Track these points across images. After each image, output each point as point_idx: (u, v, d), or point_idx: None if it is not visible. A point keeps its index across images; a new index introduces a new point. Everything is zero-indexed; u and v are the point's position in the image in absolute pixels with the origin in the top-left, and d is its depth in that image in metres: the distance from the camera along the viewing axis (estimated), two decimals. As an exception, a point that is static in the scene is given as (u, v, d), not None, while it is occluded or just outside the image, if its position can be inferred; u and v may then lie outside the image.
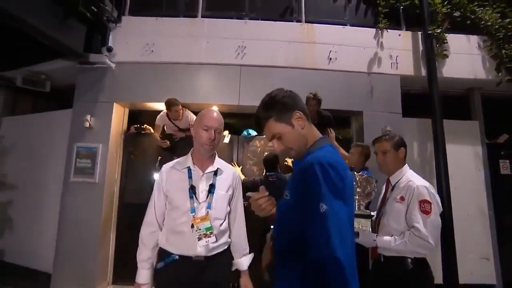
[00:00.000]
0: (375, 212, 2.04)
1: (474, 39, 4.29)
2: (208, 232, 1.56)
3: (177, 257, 1.54)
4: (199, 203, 1.59)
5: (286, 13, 4.35)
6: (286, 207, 1.05)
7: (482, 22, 4.22)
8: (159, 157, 4.06)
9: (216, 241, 1.59)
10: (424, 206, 1.76)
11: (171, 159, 1.67)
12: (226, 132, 4.06)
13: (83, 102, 3.98)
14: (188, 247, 1.54)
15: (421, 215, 1.74)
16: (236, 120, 4.51)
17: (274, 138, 1.12)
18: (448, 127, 3.79)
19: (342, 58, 4.13)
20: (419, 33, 4.22)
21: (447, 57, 4.09)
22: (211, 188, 1.63)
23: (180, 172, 1.64)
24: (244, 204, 1.81)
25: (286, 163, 3.74)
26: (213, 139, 1.59)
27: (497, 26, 4.20)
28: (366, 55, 4.17)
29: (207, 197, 1.61)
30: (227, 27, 4.14)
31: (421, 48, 4.21)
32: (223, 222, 1.66)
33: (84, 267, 3.61)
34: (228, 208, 1.72)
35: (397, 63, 4.16)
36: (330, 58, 4.12)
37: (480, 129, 4.34)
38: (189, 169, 1.65)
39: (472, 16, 4.24)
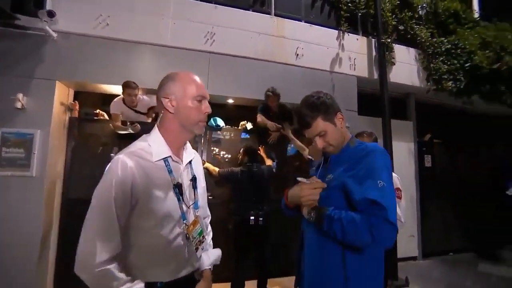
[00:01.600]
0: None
1: (413, 51, 5.18)
2: (201, 237, 1.27)
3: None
4: (188, 206, 1.22)
5: (257, 3, 4.44)
6: (332, 186, 1.27)
7: (418, 38, 5.13)
8: (115, 148, 3.70)
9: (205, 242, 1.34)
10: (397, 193, 2.26)
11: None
12: None
13: (11, 76, 3.33)
14: (183, 265, 1.19)
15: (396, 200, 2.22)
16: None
17: (318, 135, 1.30)
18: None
19: (308, 55, 4.46)
20: (373, 40, 4.87)
21: (394, 64, 4.85)
22: (194, 182, 1.28)
23: (154, 166, 1.13)
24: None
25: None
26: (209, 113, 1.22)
27: (428, 43, 5.16)
28: (329, 55, 4.60)
29: (194, 195, 1.28)
30: (196, 9, 4.01)
31: (373, 53, 4.86)
32: (205, 218, 1.42)
33: (16, 279, 3.07)
34: None
35: (354, 65, 4.72)
36: (297, 54, 4.41)
37: (413, 129, 5.30)
38: (166, 161, 1.17)
39: (412, 32, 5.10)
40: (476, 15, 6.06)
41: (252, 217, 3.21)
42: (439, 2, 5.40)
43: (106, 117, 3.81)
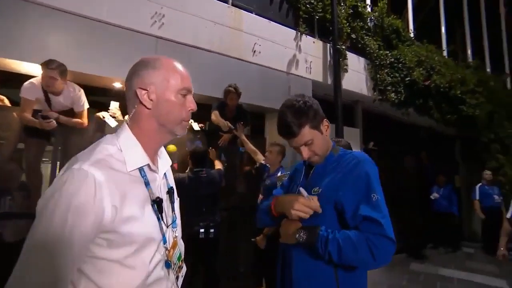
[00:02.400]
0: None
1: (362, 61, 5.43)
2: (180, 262, 1.07)
3: None
4: (166, 225, 0.99)
5: (213, -11, 4.07)
6: (322, 201, 1.19)
7: (368, 48, 5.41)
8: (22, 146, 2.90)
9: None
10: None
11: (40, 151, 0.99)
12: (116, 110, 3.35)
13: None
14: None
15: None
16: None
17: (305, 144, 1.23)
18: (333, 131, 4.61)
19: (266, 53, 4.28)
20: (328, 45, 4.94)
21: (347, 71, 4.99)
22: (171, 195, 1.09)
23: (128, 178, 0.89)
24: None
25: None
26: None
27: (375, 55, 5.48)
28: (286, 55, 4.49)
29: (172, 211, 1.07)
30: (142, -17, 3.45)
31: (328, 58, 4.93)
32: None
33: None
34: None
35: (310, 68, 4.71)
36: (255, 51, 4.18)
37: (360, 136, 5.55)
38: (142, 170, 0.94)
39: (362, 42, 5.34)
40: (412, 34, 6.72)
41: (202, 230, 2.99)
42: (385, 18, 5.80)
43: (8, 103, 2.98)
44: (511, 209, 3.17)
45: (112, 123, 3.22)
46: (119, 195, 0.82)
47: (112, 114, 3.30)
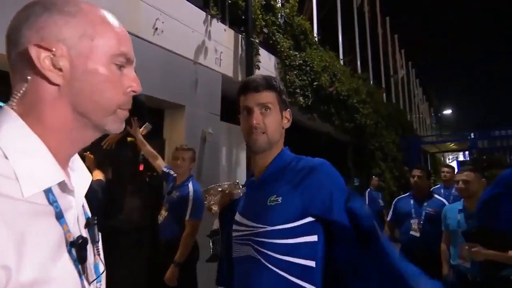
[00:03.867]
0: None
1: (273, 59, 5.35)
2: None
3: None
4: (89, 283, 0.66)
5: None
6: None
7: (279, 46, 5.37)
8: None
9: None
10: None
11: None
12: None
13: None
14: None
15: None
16: None
17: (262, 108, 1.12)
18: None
19: (169, 33, 3.64)
20: (240, 35, 4.63)
21: (259, 68, 4.78)
22: (91, 229, 0.72)
23: (26, 209, 0.53)
24: None
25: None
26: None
27: (285, 54, 5.50)
28: (194, 40, 3.96)
29: (94, 255, 0.72)
30: None
31: (239, 51, 4.62)
32: None
33: None
34: None
35: (220, 60, 4.30)
36: (156, 28, 3.50)
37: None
38: (49, 192, 0.58)
39: (274, 38, 5.27)
40: (316, 39, 7.14)
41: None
42: (296, 17, 5.92)
43: None
44: (391, 213, 3.53)
45: None
46: (13, 245, 0.49)
47: None
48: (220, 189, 1.83)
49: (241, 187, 1.90)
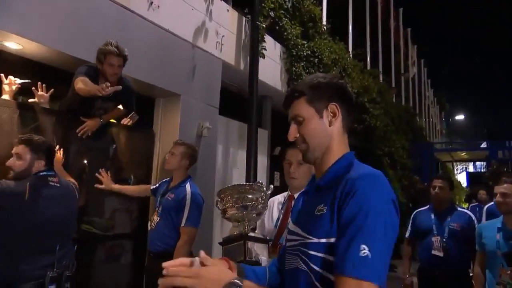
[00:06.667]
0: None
1: (279, 47, 5.30)
2: None
3: None
4: None
5: None
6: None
7: (285, 33, 5.31)
8: None
9: None
10: None
11: None
12: None
13: None
14: None
15: None
16: None
17: (294, 120, 1.14)
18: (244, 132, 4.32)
19: (166, 9, 3.57)
20: (244, 18, 4.57)
21: (264, 57, 4.71)
22: None
23: None
24: None
25: None
26: None
27: (293, 42, 5.45)
28: (193, 19, 3.89)
29: None
30: None
31: (243, 36, 4.56)
32: None
33: None
34: None
35: (222, 45, 4.23)
36: (151, 3, 3.42)
37: (268, 139, 5.40)
38: None
39: (280, 24, 5.21)
40: (325, 28, 7.10)
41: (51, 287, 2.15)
42: (305, 0, 5.86)
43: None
44: (410, 228, 3.46)
45: None
46: None
47: None
48: (237, 190, 1.79)
49: (264, 189, 1.86)
